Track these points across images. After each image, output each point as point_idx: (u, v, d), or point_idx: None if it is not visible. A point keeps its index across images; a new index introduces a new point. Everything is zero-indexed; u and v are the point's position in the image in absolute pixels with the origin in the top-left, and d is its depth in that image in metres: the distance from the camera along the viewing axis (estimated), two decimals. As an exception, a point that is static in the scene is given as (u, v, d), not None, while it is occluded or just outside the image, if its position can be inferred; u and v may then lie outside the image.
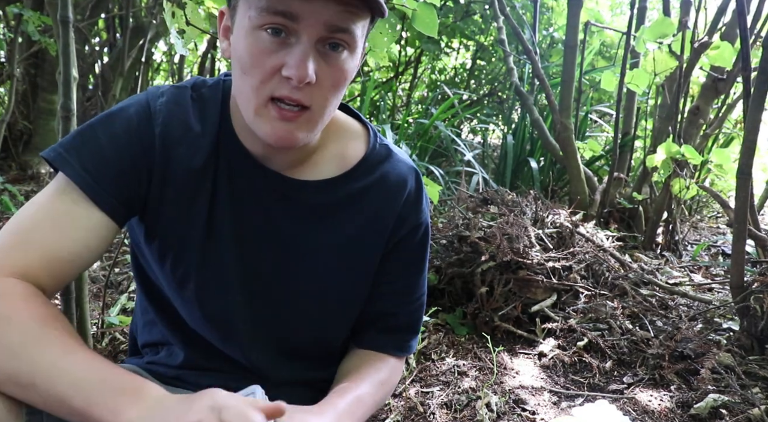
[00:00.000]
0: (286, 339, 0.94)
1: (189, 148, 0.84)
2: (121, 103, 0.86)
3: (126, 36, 2.98)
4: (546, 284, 2.14)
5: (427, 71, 6.38)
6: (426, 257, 0.99)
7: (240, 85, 0.78)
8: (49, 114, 3.81)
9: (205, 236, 0.86)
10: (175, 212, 0.85)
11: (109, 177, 0.79)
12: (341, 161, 0.90)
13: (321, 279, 0.91)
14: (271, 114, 0.76)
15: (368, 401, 0.88)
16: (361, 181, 0.90)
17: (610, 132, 4.27)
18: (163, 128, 0.83)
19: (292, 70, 0.72)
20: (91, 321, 1.75)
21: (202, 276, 0.88)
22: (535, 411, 1.64)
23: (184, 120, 0.84)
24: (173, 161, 0.83)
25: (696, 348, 1.87)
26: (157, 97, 0.85)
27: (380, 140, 0.94)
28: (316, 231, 0.89)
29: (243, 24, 0.74)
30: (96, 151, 0.79)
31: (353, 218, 0.90)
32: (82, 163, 0.78)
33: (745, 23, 2.00)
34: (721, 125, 3.51)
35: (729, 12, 2.99)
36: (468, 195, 2.58)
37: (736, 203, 1.92)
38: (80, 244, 0.77)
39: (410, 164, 0.95)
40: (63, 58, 1.38)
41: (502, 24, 3.73)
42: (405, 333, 0.99)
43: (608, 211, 3.32)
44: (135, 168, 0.81)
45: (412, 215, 0.93)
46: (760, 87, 1.80)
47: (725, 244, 3.40)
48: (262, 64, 0.74)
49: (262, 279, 0.89)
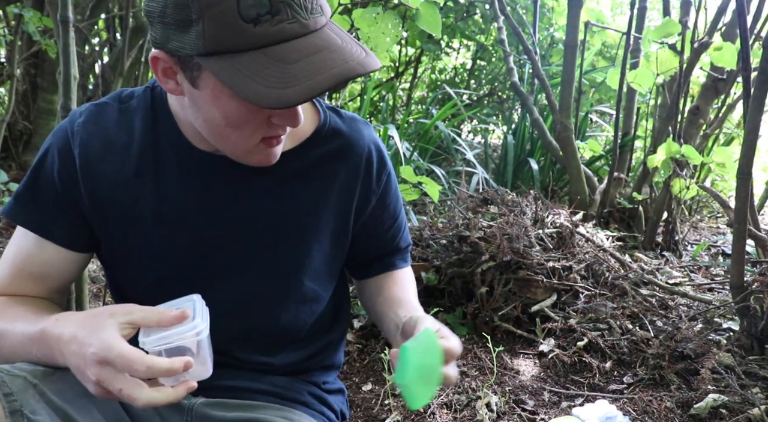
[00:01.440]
0: (249, 321, 0.94)
1: (114, 162, 0.86)
2: (52, 133, 0.91)
3: (126, 36, 2.98)
4: (546, 284, 2.14)
5: (427, 71, 6.38)
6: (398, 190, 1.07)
7: (224, 135, 0.79)
8: (49, 114, 3.80)
9: (156, 235, 0.88)
10: (119, 223, 0.88)
11: (50, 209, 0.87)
12: (293, 135, 0.91)
13: (282, 257, 0.92)
14: (263, 149, 0.81)
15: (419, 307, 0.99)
16: (317, 150, 0.92)
17: (611, 132, 4.27)
18: (82, 148, 0.86)
19: (288, 122, 0.77)
20: (91, 321, 1.75)
21: (158, 272, 0.90)
22: (535, 411, 1.64)
23: (104, 136, 0.87)
24: (100, 177, 0.86)
25: (696, 348, 1.87)
26: (76, 119, 0.88)
27: (327, 106, 0.97)
28: (270, 209, 0.90)
29: (222, 89, 0.72)
30: (34, 190, 0.88)
31: (319, 182, 0.92)
32: (26, 208, 0.88)
33: (745, 23, 2.00)
34: (722, 125, 3.51)
35: (729, 12, 2.99)
36: (468, 195, 2.58)
37: (736, 203, 1.92)
38: (41, 275, 0.89)
39: (361, 121, 0.98)
40: (63, 58, 1.39)
41: (502, 24, 3.73)
42: (404, 250, 1.11)
43: (608, 211, 3.32)
44: (69, 194, 0.86)
45: (383, 168, 0.99)
46: (760, 87, 1.80)
47: (725, 244, 3.39)
48: (251, 122, 0.76)
49: (226, 268, 0.91)
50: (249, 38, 0.67)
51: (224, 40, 0.67)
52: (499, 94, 5.89)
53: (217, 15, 0.66)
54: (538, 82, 3.71)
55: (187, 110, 0.81)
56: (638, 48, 3.38)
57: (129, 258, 0.91)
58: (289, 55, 0.68)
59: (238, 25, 0.66)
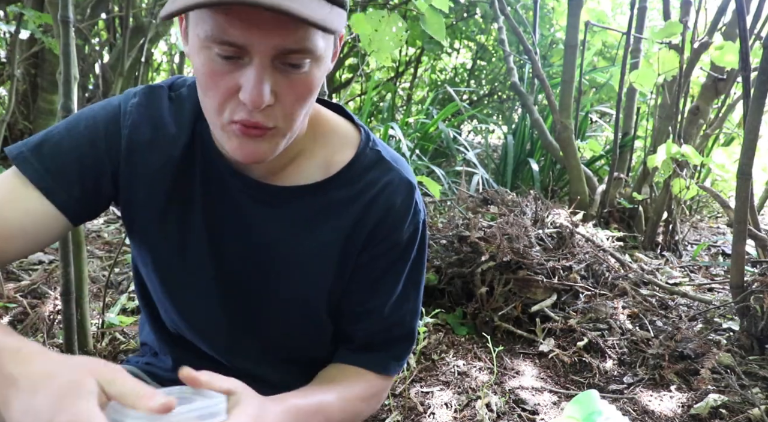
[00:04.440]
0: (265, 344, 0.92)
1: (160, 151, 0.81)
2: (94, 104, 0.85)
3: (126, 36, 2.98)
4: (546, 284, 2.14)
5: (427, 72, 6.38)
6: (407, 274, 0.90)
7: (203, 100, 0.74)
8: (49, 114, 3.80)
9: (179, 242, 0.85)
10: (149, 215, 0.84)
11: (67, 175, 0.78)
12: (327, 167, 0.85)
13: (298, 287, 0.87)
14: (235, 132, 0.72)
15: (331, 411, 0.81)
16: (345, 189, 0.84)
17: (611, 132, 4.27)
18: (131, 130, 0.81)
19: (245, 96, 0.67)
20: (91, 321, 1.75)
21: (178, 281, 0.87)
22: (535, 411, 1.65)
23: (156, 122, 0.82)
24: (141, 165, 0.81)
25: (696, 348, 1.87)
26: (130, 99, 0.83)
27: (373, 143, 0.87)
28: (295, 238, 0.85)
29: (194, 40, 0.68)
30: (56, 149, 0.79)
31: (332, 226, 0.85)
32: (41, 161, 0.78)
33: (745, 23, 2.00)
34: (722, 125, 3.51)
35: (729, 12, 2.99)
36: (468, 195, 2.58)
37: (736, 203, 1.93)
38: (15, 224, 0.76)
39: (404, 176, 0.87)
40: (63, 58, 1.39)
41: (502, 24, 3.73)
42: (387, 351, 0.93)
43: (608, 211, 3.32)
44: (97, 169, 0.80)
45: (391, 233, 0.86)
46: (760, 87, 1.80)
47: (725, 244, 3.40)
48: (217, 85, 0.69)
49: (239, 286, 0.88)
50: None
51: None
52: (499, 94, 5.90)
53: None
54: (538, 82, 3.71)
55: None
56: (638, 48, 3.38)
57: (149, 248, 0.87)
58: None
59: None
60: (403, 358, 0.95)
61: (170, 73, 5.81)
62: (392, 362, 0.93)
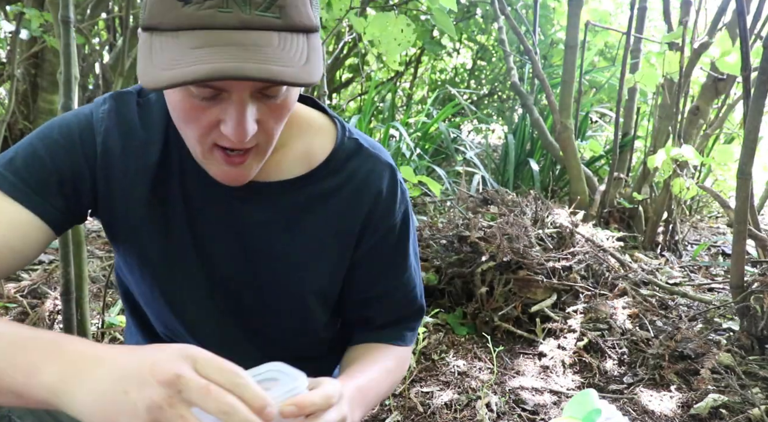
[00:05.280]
0: (256, 341, 0.92)
1: (134, 156, 0.81)
2: (65, 113, 0.84)
3: (126, 36, 2.98)
4: (546, 284, 2.14)
5: (427, 72, 6.38)
6: (408, 252, 0.94)
7: (181, 129, 0.73)
8: (49, 114, 3.80)
9: (164, 245, 0.84)
10: (130, 221, 0.83)
11: (45, 184, 0.77)
12: (306, 160, 0.85)
13: (288, 282, 0.88)
14: (218, 158, 0.73)
15: (377, 387, 0.88)
16: (329, 180, 0.86)
17: (611, 132, 4.27)
18: (104, 137, 0.80)
19: (229, 131, 0.67)
20: (91, 321, 1.76)
21: (166, 284, 0.87)
22: (535, 411, 1.65)
23: (126, 128, 0.82)
24: (118, 169, 0.81)
25: (696, 348, 1.87)
26: (100, 106, 0.82)
27: (349, 133, 0.89)
28: (282, 233, 0.86)
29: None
30: (31, 159, 0.77)
31: (320, 218, 0.86)
32: (17, 174, 0.76)
33: (745, 23, 2.00)
34: (722, 125, 3.51)
35: (729, 12, 2.99)
36: (468, 195, 2.58)
37: (736, 203, 1.93)
38: (1, 242, 0.73)
39: (384, 160, 0.89)
40: (64, 58, 1.39)
41: (502, 24, 3.73)
42: (401, 324, 0.97)
43: (608, 211, 3.32)
44: (75, 176, 0.79)
45: (385, 218, 0.89)
46: (760, 87, 1.80)
47: (725, 244, 3.39)
48: (197, 120, 0.69)
49: (228, 285, 0.88)
50: (174, 17, 0.61)
51: (156, 15, 0.63)
52: (500, 94, 5.90)
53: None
54: (538, 82, 3.71)
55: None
56: (638, 48, 3.38)
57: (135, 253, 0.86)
58: (196, 41, 0.61)
59: (170, 3, 0.61)
60: (417, 327, 1.01)
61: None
62: (408, 333, 0.98)
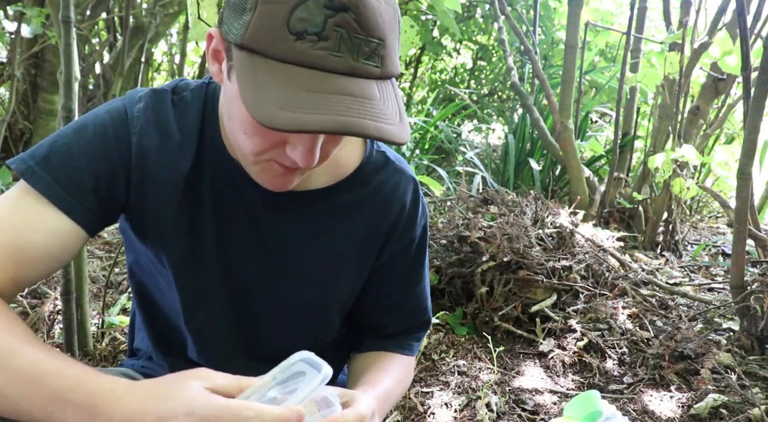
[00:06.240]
0: (267, 349, 0.92)
1: (168, 156, 0.81)
2: (96, 109, 0.82)
3: (126, 36, 2.98)
4: (546, 284, 2.14)
5: (427, 72, 6.38)
6: (424, 264, 0.97)
7: (237, 136, 0.73)
8: (49, 114, 3.80)
9: (188, 247, 0.84)
10: (158, 221, 0.83)
11: (81, 186, 0.76)
12: (335, 169, 0.85)
13: (312, 292, 0.89)
14: (273, 168, 0.74)
15: (393, 397, 0.90)
16: (356, 192, 0.87)
17: (611, 132, 4.27)
18: (140, 136, 0.79)
19: (298, 157, 0.69)
20: (91, 321, 1.76)
21: (186, 286, 0.86)
22: (535, 411, 1.65)
23: (163, 128, 0.81)
24: (152, 170, 0.80)
25: (696, 348, 1.87)
26: (135, 103, 0.81)
27: (377, 146, 0.90)
28: (307, 243, 0.86)
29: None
30: (67, 159, 0.76)
31: (347, 228, 0.87)
32: (52, 174, 0.74)
33: (745, 23, 2.00)
34: (722, 125, 3.51)
35: (729, 12, 2.99)
36: (468, 195, 2.58)
37: (736, 203, 1.93)
38: (40, 247, 0.73)
39: (409, 174, 0.91)
40: (65, 58, 1.39)
41: (502, 24, 3.73)
42: (410, 334, 1.00)
43: (608, 211, 3.32)
44: (110, 176, 0.78)
45: (407, 231, 0.91)
46: (760, 87, 1.80)
47: (725, 244, 3.40)
48: (265, 137, 0.70)
49: (248, 292, 0.88)
50: (284, 49, 0.62)
51: (262, 40, 0.63)
52: (500, 94, 5.90)
53: (268, 13, 0.62)
54: (538, 82, 3.71)
55: (227, 126, 0.78)
56: (638, 48, 3.38)
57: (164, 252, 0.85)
58: (309, 83, 0.62)
59: (281, 32, 0.62)
60: (422, 338, 1.04)
61: (170, 73, 5.82)
62: (414, 343, 1.01)
